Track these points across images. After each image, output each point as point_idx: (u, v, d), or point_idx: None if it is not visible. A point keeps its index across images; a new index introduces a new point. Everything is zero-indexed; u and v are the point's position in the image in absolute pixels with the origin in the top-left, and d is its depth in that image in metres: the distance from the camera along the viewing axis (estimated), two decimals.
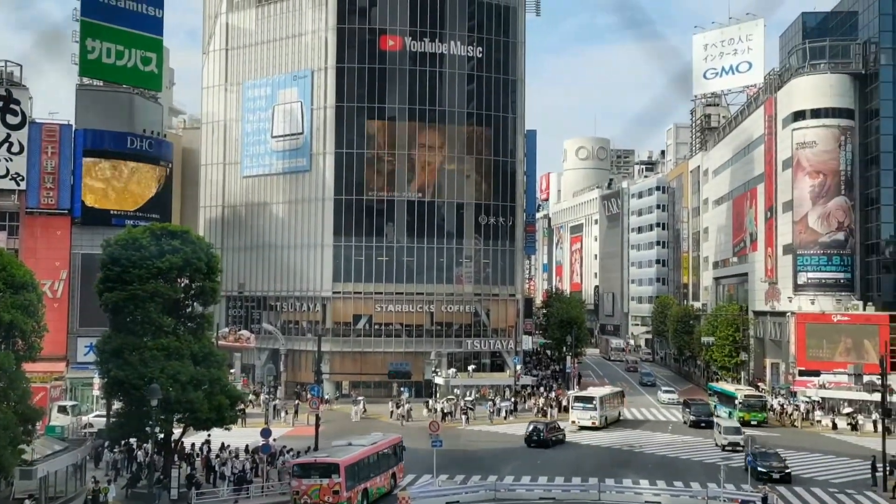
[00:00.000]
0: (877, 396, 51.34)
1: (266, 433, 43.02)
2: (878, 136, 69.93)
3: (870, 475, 44.01)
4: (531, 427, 53.73)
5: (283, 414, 62.81)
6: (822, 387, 65.32)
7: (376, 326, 73.67)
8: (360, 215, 74.09)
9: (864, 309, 68.08)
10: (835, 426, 61.35)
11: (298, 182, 76.25)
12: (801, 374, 67.93)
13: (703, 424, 60.45)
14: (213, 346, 42.88)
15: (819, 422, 62.99)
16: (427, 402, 67.54)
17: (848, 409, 62.73)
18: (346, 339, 73.38)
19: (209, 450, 45.78)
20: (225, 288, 67.43)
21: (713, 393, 70.89)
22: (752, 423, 60.61)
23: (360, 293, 73.69)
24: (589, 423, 59.42)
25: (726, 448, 51.23)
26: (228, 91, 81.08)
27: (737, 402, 63.08)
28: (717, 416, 61.40)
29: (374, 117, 74.79)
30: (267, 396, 64.82)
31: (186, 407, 37.78)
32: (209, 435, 45.54)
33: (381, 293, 73.46)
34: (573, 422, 60.02)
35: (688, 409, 63.74)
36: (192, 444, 46.08)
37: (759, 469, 43.17)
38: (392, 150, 74.59)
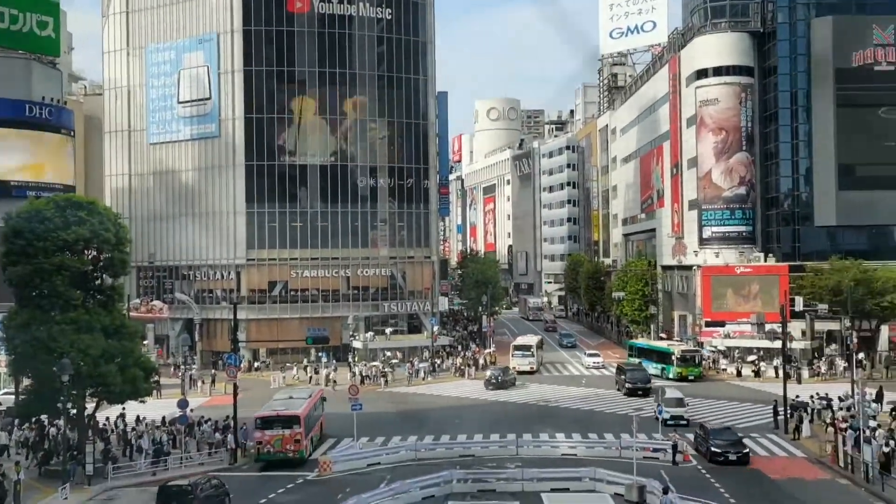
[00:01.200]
0: (778, 343, 53.69)
1: (183, 404, 42.63)
2: (776, 92, 72.22)
3: (772, 419, 46.19)
4: (489, 373, 61.39)
5: (199, 384, 62.20)
6: (727, 336, 67.92)
7: (292, 293, 73.29)
8: (273, 181, 73.24)
9: (766, 260, 70.78)
10: (739, 373, 63.94)
11: (208, 148, 74.82)
12: (708, 325, 70.39)
13: (639, 392, 54.55)
14: (125, 318, 42.05)
15: (725, 370, 65.52)
16: (349, 364, 67.73)
17: (752, 357, 65.44)
18: (262, 307, 72.85)
19: (125, 423, 45.16)
20: (135, 258, 66.18)
21: (637, 350, 69.06)
22: (690, 378, 60.84)
23: (275, 260, 73.13)
24: (528, 369, 66.67)
25: (668, 423, 43.62)
26: (131, 55, 78.69)
27: (674, 357, 62.22)
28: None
29: (284, 81, 73.69)
30: (182, 366, 64.04)
31: (99, 381, 37.06)
32: (124, 408, 44.90)
33: (297, 259, 73.03)
34: (514, 368, 65.03)
35: (623, 376, 57.82)
36: (107, 419, 45.37)
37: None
38: (303, 114, 73.72)
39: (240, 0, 73.03)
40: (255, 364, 70.56)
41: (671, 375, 61.77)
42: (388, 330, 72.70)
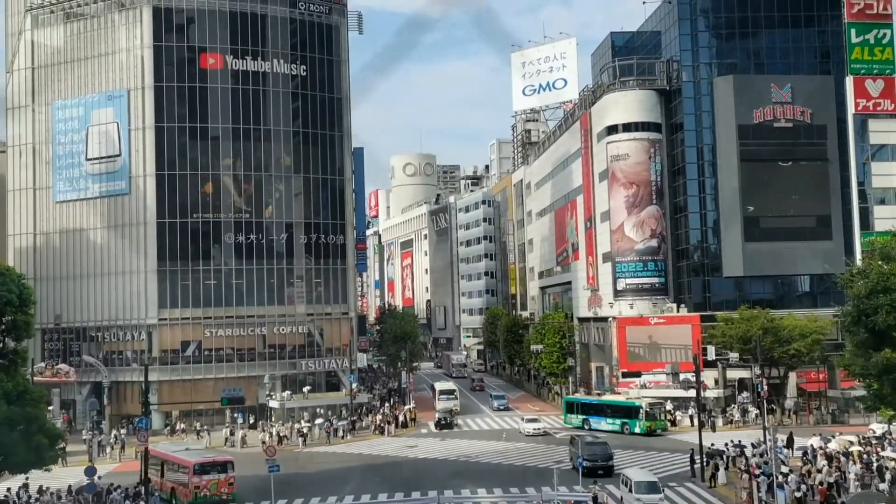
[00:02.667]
0: (692, 393, 54.62)
1: (90, 472, 40.92)
2: (683, 147, 74.64)
3: (689, 467, 46.80)
4: (438, 416, 68.20)
5: (108, 450, 59.94)
6: (644, 387, 68.81)
7: (206, 352, 71.56)
8: (185, 239, 71.87)
9: (678, 311, 72.34)
10: None
11: (117, 206, 73.14)
12: (624, 375, 71.29)
13: (600, 472, 45.00)
14: (29, 383, 40.38)
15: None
16: (262, 425, 66.18)
17: (668, 406, 66.38)
18: (175, 367, 70.90)
19: (28, 494, 43.11)
20: (40, 320, 63.93)
21: (580, 406, 65.01)
22: (657, 431, 59.98)
23: (188, 319, 71.42)
24: (452, 408, 71.77)
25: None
26: (37, 112, 76.76)
27: (643, 411, 60.14)
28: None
29: (197, 137, 72.82)
30: (90, 432, 61.65)
31: (0, 450, 35.37)
32: (27, 478, 42.88)
33: (211, 318, 71.48)
34: (439, 409, 70.74)
35: (576, 449, 46.31)
36: (9, 489, 43.23)
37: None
38: (217, 171, 72.87)
39: (151, 56, 72.28)
40: (181, 426, 67.89)
41: (638, 430, 59.74)
42: (305, 388, 71.48)
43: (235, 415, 68.11)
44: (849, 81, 73.65)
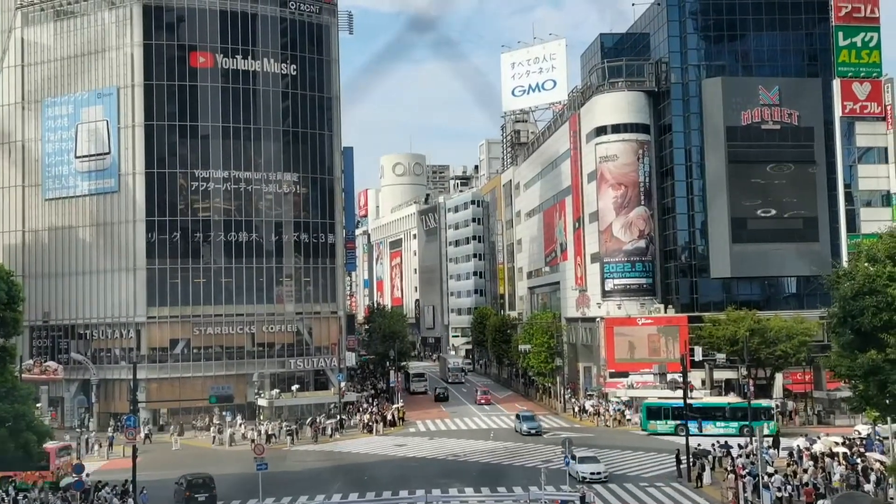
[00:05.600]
0: (679, 393, 54.94)
1: (78, 469, 40.94)
2: (672, 149, 74.99)
3: (675, 468, 47.11)
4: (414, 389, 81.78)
5: (96, 447, 59.89)
6: (631, 387, 69.15)
7: (195, 350, 71.55)
8: (175, 237, 71.83)
9: (665, 311, 72.70)
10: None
11: (107, 204, 73.01)
12: (612, 375, 71.57)
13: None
14: (17, 380, 40.44)
15: (629, 420, 66.59)
16: (248, 424, 66.23)
17: None
18: (164, 365, 70.84)
19: (16, 490, 43.05)
20: (28, 318, 63.81)
21: (674, 412, 58.12)
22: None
23: (177, 317, 71.39)
24: (422, 390, 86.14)
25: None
26: (26, 109, 76.56)
27: (772, 412, 56.72)
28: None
29: (187, 136, 72.80)
30: (78, 429, 61.59)
31: None
32: (14, 475, 42.83)
33: (200, 316, 71.46)
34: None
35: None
36: None
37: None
38: (206, 169, 72.79)
39: (141, 54, 72.20)
40: (169, 427, 67.66)
41: (768, 432, 52.36)
42: (294, 387, 71.53)
43: (224, 413, 68.13)
44: (836, 84, 74.14)
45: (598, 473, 44.68)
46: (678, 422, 56.82)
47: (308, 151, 76.60)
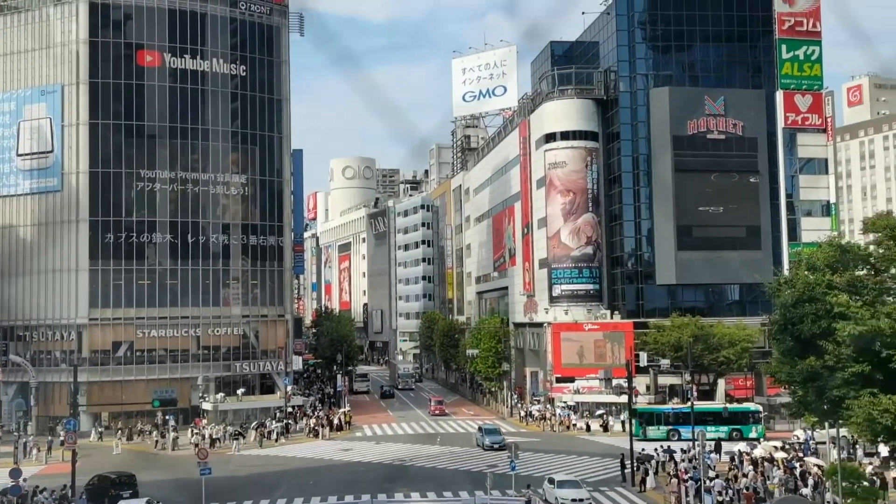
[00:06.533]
0: (624, 398, 55.57)
1: (15, 473, 39.99)
2: (620, 157, 75.87)
3: (619, 472, 47.61)
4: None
5: (34, 451, 58.57)
6: (577, 392, 69.77)
7: (138, 353, 70.39)
8: (119, 237, 70.61)
9: (612, 317, 73.48)
10: (588, 428, 65.65)
11: (49, 203, 71.54)
12: (558, 380, 72.12)
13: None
14: None
15: (575, 425, 67.16)
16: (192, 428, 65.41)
17: (600, 412, 67.42)
18: (106, 368, 69.58)
19: None
20: None
21: (669, 417, 60.02)
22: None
23: (120, 319, 70.18)
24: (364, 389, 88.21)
25: None
26: None
27: (759, 415, 56.96)
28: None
29: (133, 135, 71.64)
30: (16, 433, 60.18)
31: None
32: None
33: (143, 318, 70.35)
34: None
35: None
36: None
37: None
38: (152, 170, 71.72)
39: (87, 51, 70.93)
40: (115, 431, 66.50)
41: (755, 435, 56.79)
42: (239, 391, 70.78)
43: (167, 416, 67.08)
44: (779, 96, 75.75)
45: (581, 501, 39.72)
46: (670, 427, 59.11)
47: (257, 153, 75.95)
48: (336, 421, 69.20)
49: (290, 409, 70.22)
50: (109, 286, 70.02)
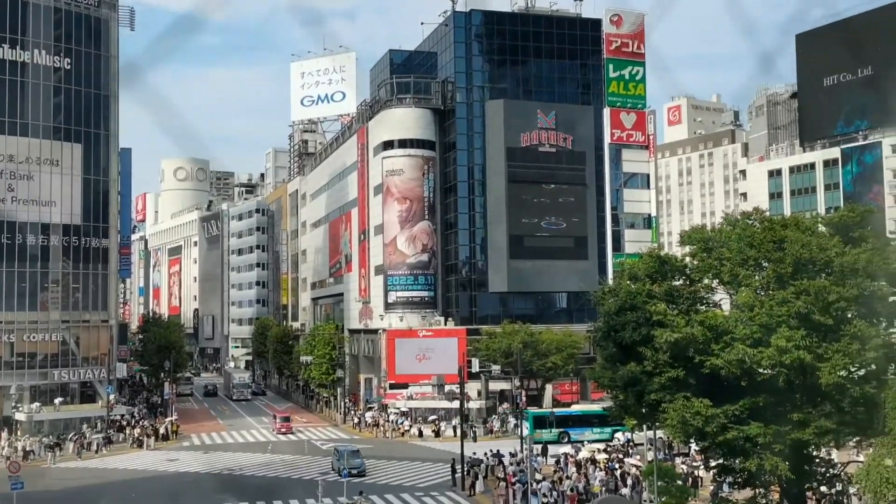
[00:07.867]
0: (457, 404, 56.44)
1: None
2: (455, 166, 77.23)
3: (450, 476, 48.30)
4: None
5: None
6: (410, 398, 70.30)
7: None
8: None
9: (446, 324, 74.57)
10: (421, 434, 66.27)
11: None
12: (392, 387, 72.46)
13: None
14: None
15: (408, 430, 67.62)
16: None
17: (432, 417, 68.18)
18: None
19: None
20: None
21: (560, 420, 60.28)
22: None
23: None
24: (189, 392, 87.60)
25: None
26: None
27: None
28: None
29: None
30: None
31: None
32: None
33: None
34: None
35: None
36: None
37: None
38: None
39: None
40: None
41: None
42: (57, 400, 67.04)
43: None
44: (606, 113, 79.29)
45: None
46: (561, 429, 60.20)
47: (81, 150, 72.12)
48: (163, 430, 66.76)
49: (113, 419, 67.18)
50: None
